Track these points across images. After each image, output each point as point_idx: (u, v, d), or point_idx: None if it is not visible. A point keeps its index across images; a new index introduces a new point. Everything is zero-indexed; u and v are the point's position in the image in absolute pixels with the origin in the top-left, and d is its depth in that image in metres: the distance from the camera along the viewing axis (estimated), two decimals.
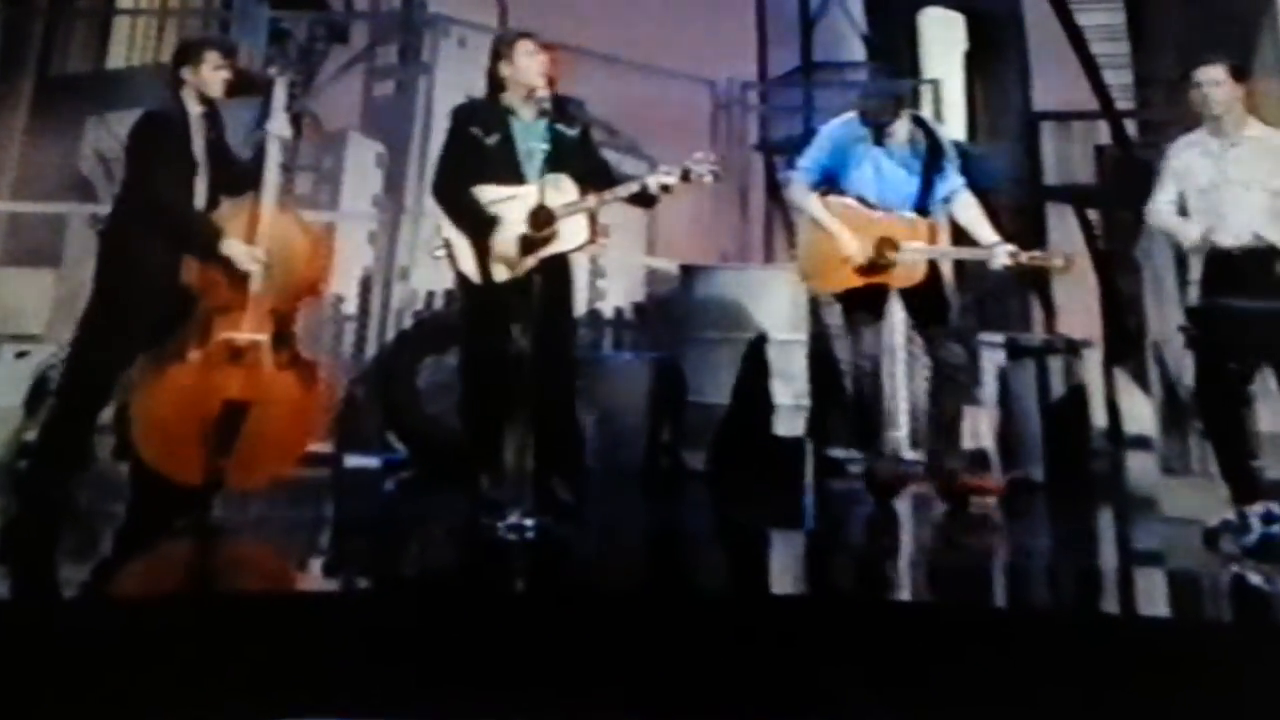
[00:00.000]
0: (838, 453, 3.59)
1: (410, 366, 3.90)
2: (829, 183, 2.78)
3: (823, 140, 2.80)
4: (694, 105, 5.51)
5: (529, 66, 2.54)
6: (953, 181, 2.78)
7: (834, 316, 4.56)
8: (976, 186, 2.83)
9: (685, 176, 2.50)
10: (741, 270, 4.31)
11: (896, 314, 2.99)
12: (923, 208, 2.77)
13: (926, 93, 5.44)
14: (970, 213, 2.74)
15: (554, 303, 2.52)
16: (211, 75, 2.64)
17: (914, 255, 2.72)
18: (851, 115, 2.79)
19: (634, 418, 3.69)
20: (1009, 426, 3.55)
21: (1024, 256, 2.63)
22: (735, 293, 3.95)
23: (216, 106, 2.68)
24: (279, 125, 2.62)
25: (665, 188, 2.49)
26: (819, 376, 3.71)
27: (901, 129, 2.76)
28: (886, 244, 2.71)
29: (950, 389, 2.75)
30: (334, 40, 6.00)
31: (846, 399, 3.19)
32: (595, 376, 3.61)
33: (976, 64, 6.01)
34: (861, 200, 2.75)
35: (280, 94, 2.63)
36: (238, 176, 2.68)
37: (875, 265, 2.72)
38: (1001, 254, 2.64)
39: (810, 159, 2.79)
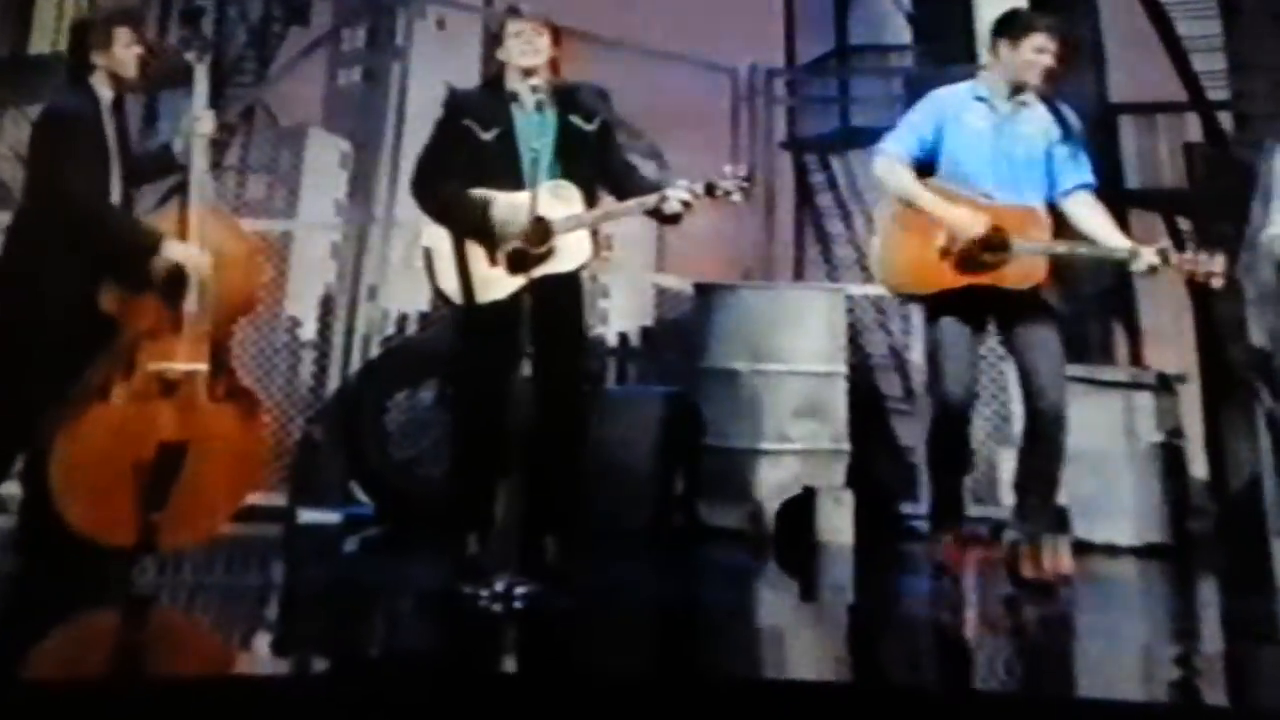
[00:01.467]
0: (896, 508, 3.60)
1: (378, 403, 3.91)
2: (926, 163, 2.67)
3: (926, 107, 2.69)
4: (711, 97, 5.46)
5: (516, 47, 2.56)
6: (1081, 174, 2.64)
7: (878, 346, 4.64)
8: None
9: (710, 191, 2.53)
10: (768, 290, 4.23)
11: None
12: (1046, 200, 2.65)
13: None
14: (1095, 211, 2.62)
15: (558, 329, 2.52)
16: (124, 54, 2.63)
17: (1037, 249, 2.55)
18: (966, 84, 2.71)
19: (641, 464, 3.68)
20: (1088, 479, 3.51)
21: (1175, 258, 2.49)
22: (761, 317, 3.95)
23: (124, 92, 2.68)
24: (199, 116, 2.61)
25: (686, 205, 2.50)
26: (862, 415, 3.73)
27: (1031, 104, 2.64)
28: (998, 235, 2.55)
29: (1049, 434, 2.60)
30: (292, 21, 6.13)
31: (896, 442, 3.14)
32: (596, 415, 3.51)
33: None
34: (967, 186, 2.63)
35: (201, 81, 2.63)
36: (140, 171, 2.70)
37: (982, 260, 2.56)
38: (1148, 254, 2.50)
39: (907, 129, 2.67)
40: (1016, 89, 2.64)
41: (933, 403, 2.71)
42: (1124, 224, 5.65)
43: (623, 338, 5.06)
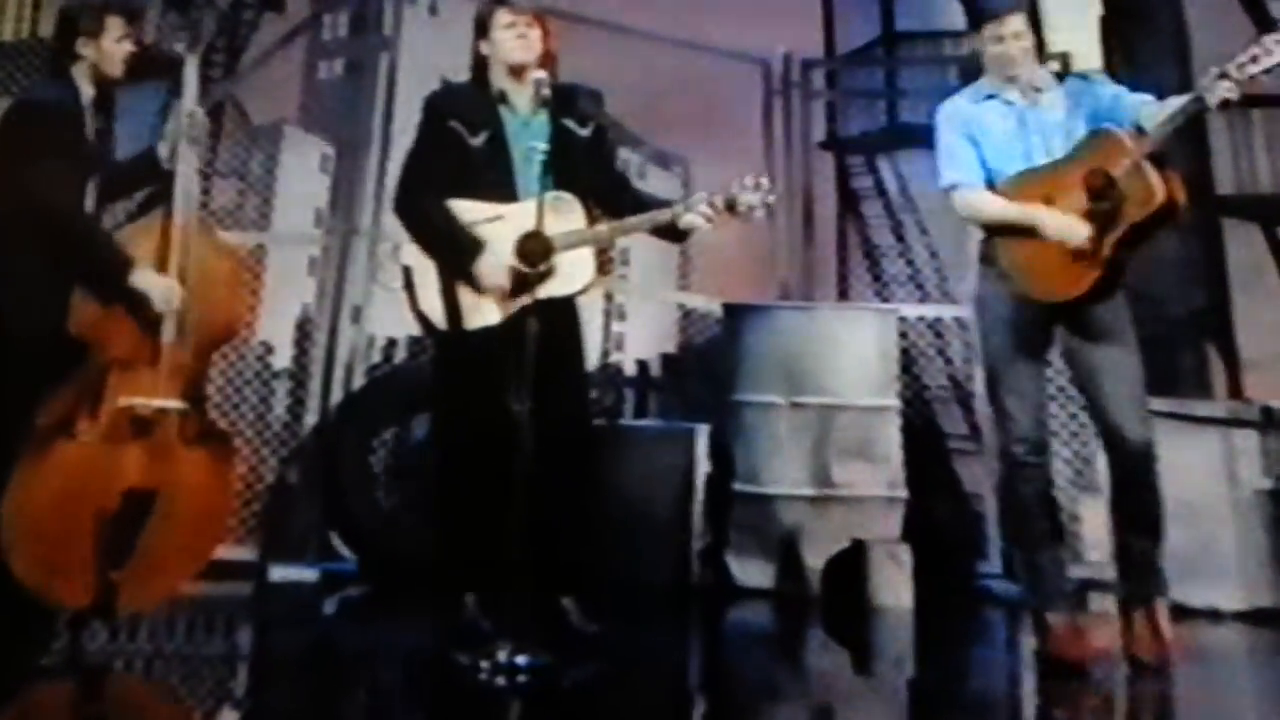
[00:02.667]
0: (962, 565, 3.57)
1: (362, 441, 3.91)
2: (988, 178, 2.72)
3: (952, 127, 2.74)
4: (740, 91, 5.54)
5: (507, 41, 2.60)
6: (1134, 102, 2.60)
7: (936, 375, 4.60)
8: None
9: (730, 207, 2.56)
10: (808, 311, 4.17)
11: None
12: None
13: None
14: (1169, 109, 2.54)
15: (558, 360, 2.52)
16: (113, 48, 2.65)
17: (1140, 155, 2.50)
18: (967, 89, 2.78)
19: (662, 512, 3.67)
20: (1183, 532, 3.37)
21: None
22: (800, 342, 3.95)
23: (111, 90, 2.70)
24: (192, 118, 2.63)
25: (704, 220, 2.54)
26: (920, 456, 3.70)
27: (1043, 84, 2.69)
28: (1095, 178, 2.53)
29: (1138, 475, 2.55)
30: (266, 7, 6.21)
31: (960, 487, 3.09)
32: (611, 454, 3.57)
33: (1117, 33, 6.03)
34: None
35: (191, 76, 2.64)
36: (121, 182, 2.72)
37: (1103, 211, 2.52)
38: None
39: (959, 153, 2.72)
40: (1008, 80, 2.69)
41: (999, 447, 2.68)
42: (1217, 234, 5.64)
43: (642, 366, 5.10)
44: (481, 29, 2.67)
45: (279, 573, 3.75)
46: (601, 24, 4.99)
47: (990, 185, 2.70)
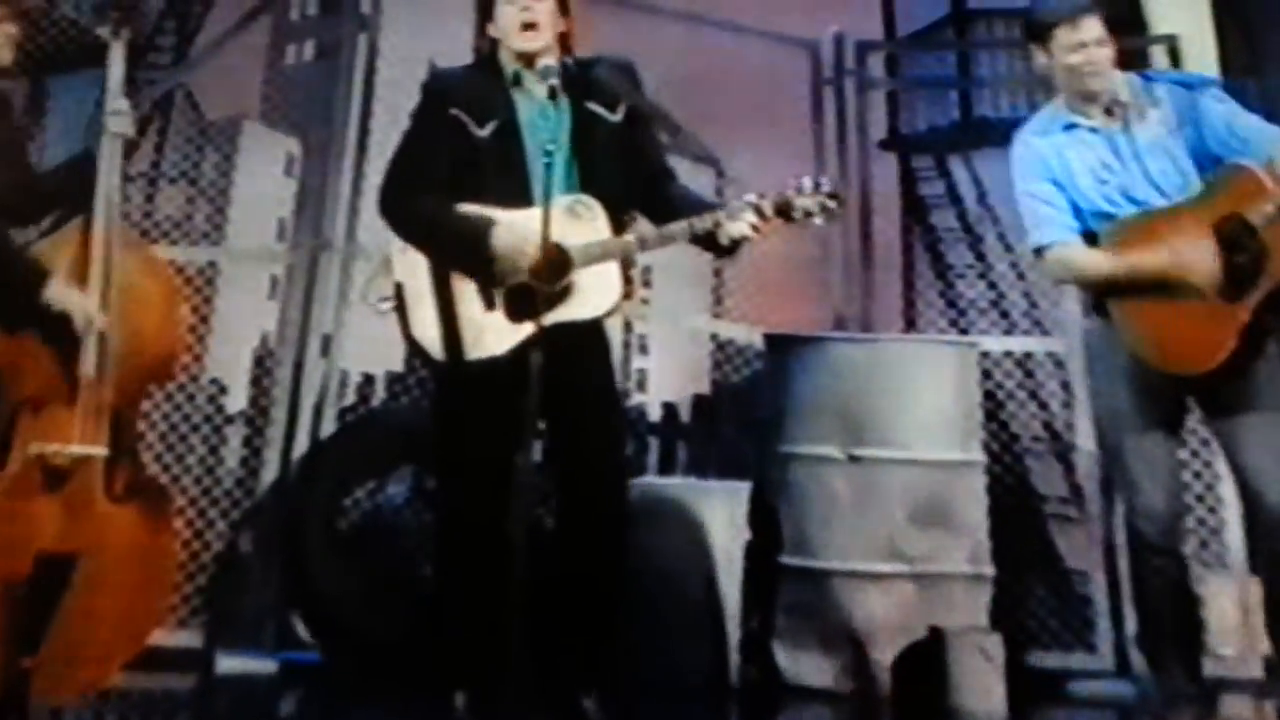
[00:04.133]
0: (1051, 661, 3.50)
1: (330, 501, 3.91)
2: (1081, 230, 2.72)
3: (1032, 173, 2.73)
4: (784, 80, 5.55)
5: (511, 26, 2.63)
6: (1250, 129, 2.59)
7: (1029, 423, 4.50)
8: None
9: (784, 211, 2.57)
10: (869, 344, 4.13)
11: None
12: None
13: (1157, 57, 5.44)
14: None
15: (580, 399, 2.58)
16: None
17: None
18: (1037, 120, 2.77)
19: (696, 592, 3.61)
20: None
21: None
22: (860, 381, 3.91)
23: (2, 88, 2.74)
24: (116, 113, 2.64)
25: (752, 229, 2.55)
26: (1009, 524, 3.65)
27: (1132, 97, 2.68)
28: (1229, 225, 2.51)
29: None
30: None
31: (1060, 563, 3.04)
32: (633, 518, 3.46)
33: (1232, 11, 5.98)
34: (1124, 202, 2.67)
35: (118, 61, 2.66)
36: (47, 193, 2.73)
37: (1240, 266, 2.51)
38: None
39: (1043, 207, 2.71)
40: (1089, 98, 2.66)
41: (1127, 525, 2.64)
42: None
43: (668, 410, 5.03)
44: (488, 6, 2.69)
45: (228, 663, 3.71)
46: (622, 1, 5.05)
47: (1089, 237, 2.66)
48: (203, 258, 4.82)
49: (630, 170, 2.70)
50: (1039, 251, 2.72)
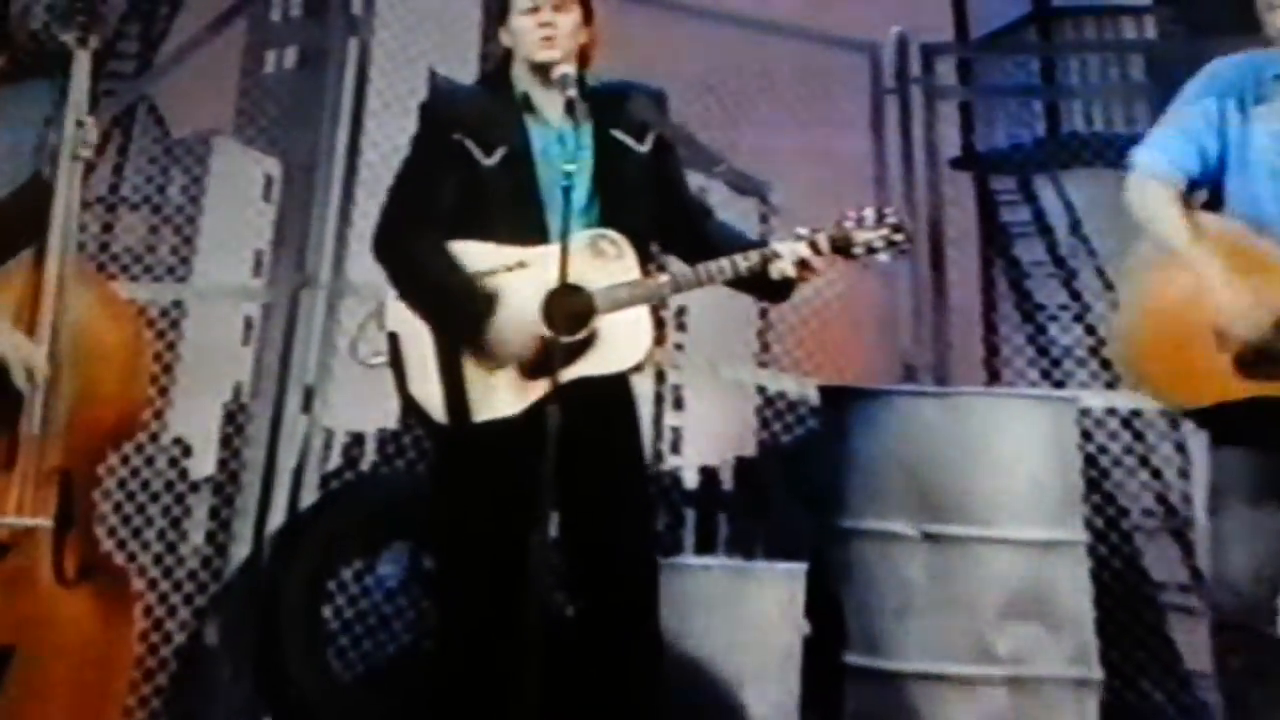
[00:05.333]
0: None
1: (312, 584, 3.91)
2: (1210, 186, 2.69)
3: (1202, 93, 2.70)
4: (838, 89, 5.56)
5: (527, 33, 2.66)
6: None
7: (1138, 494, 4.42)
8: None
9: (842, 248, 2.59)
10: (945, 399, 4.10)
11: None
12: None
13: None
14: None
15: (603, 466, 2.60)
16: None
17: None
18: (1265, 53, 2.68)
19: (744, 694, 3.56)
20: None
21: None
22: (935, 443, 3.86)
23: None
24: (81, 124, 2.67)
25: (803, 268, 2.56)
26: (1118, 615, 3.65)
27: None
28: None
29: None
30: None
31: (1179, 663, 2.98)
32: (667, 604, 3.43)
33: None
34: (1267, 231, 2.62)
35: (82, 74, 2.69)
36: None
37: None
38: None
39: (1175, 128, 2.70)
40: None
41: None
42: None
43: (707, 477, 5.04)
44: (502, 12, 2.71)
45: None
46: (653, 2, 5.13)
47: (1211, 200, 2.62)
48: (166, 296, 4.83)
49: (661, 206, 2.73)
50: (1132, 164, 2.70)
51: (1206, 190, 2.66)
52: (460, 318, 2.58)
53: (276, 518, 4.21)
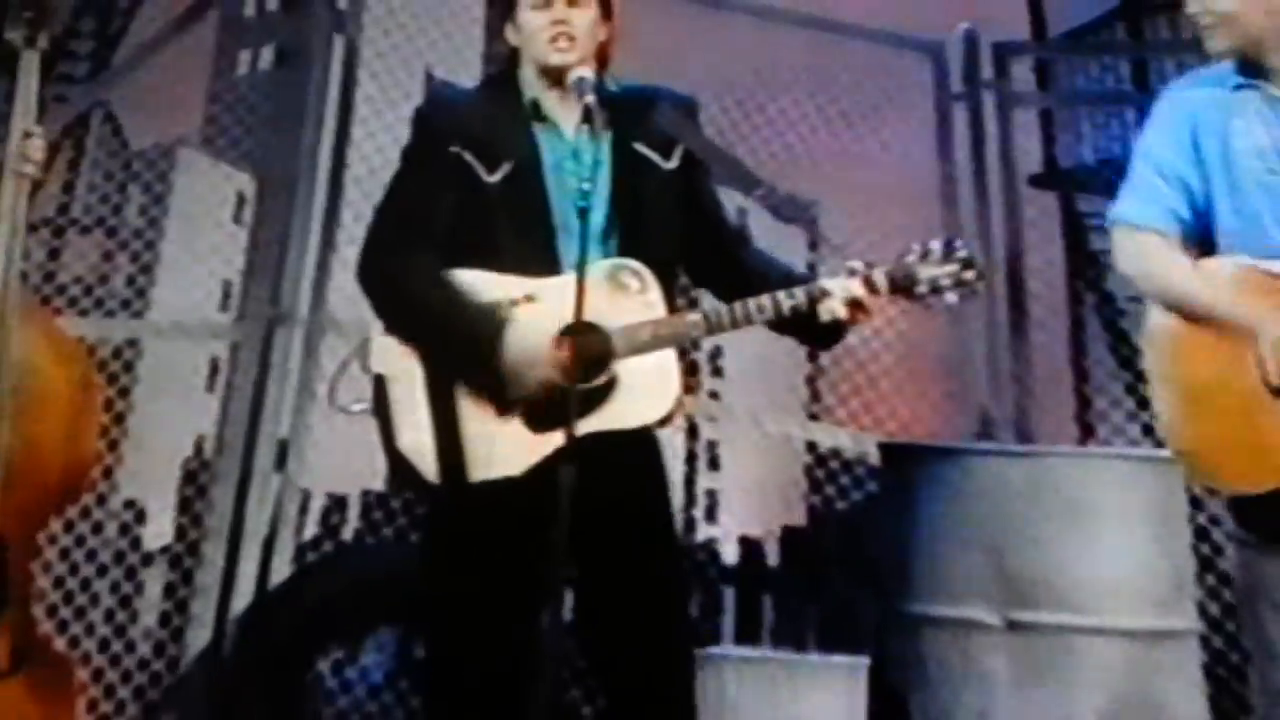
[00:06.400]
0: None
1: (283, 676, 3.88)
2: (1196, 227, 2.67)
3: (1169, 125, 2.71)
4: (897, 95, 5.58)
5: (538, 32, 2.66)
6: None
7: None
8: None
9: (904, 286, 2.58)
10: (1028, 460, 4.04)
11: None
12: None
13: None
14: None
15: (625, 536, 2.59)
16: None
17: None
18: (1213, 70, 2.70)
19: None
20: None
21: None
22: (1017, 512, 3.79)
23: None
24: (23, 139, 2.67)
25: (857, 308, 2.55)
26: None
27: None
28: None
29: None
30: None
31: None
32: (703, 705, 3.27)
33: None
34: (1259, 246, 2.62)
35: (30, 78, 2.70)
36: None
37: None
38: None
39: (1152, 173, 2.69)
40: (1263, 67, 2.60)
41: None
42: None
43: (750, 550, 5.04)
44: (509, 6, 2.70)
45: None
46: None
47: (1204, 246, 2.61)
48: (120, 334, 4.84)
49: (690, 233, 2.73)
50: (1114, 222, 2.70)
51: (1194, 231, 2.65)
52: (462, 352, 2.57)
53: (242, 597, 4.21)
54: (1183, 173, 2.64)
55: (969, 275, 2.56)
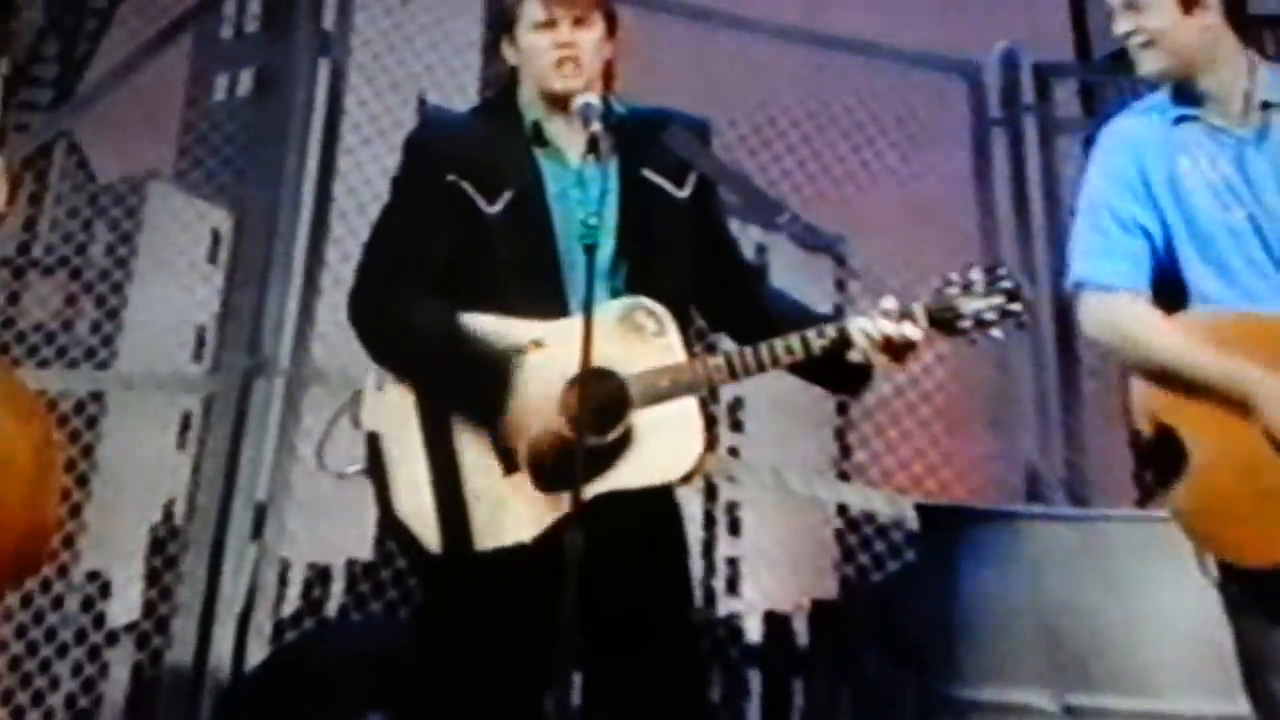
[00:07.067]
0: None
1: None
2: (1162, 274, 2.74)
3: (1117, 168, 2.77)
4: (931, 120, 5.57)
5: (541, 56, 2.67)
6: None
7: None
8: None
9: (942, 321, 2.56)
10: (1084, 525, 3.97)
11: None
12: None
13: None
14: None
15: (642, 610, 2.58)
16: None
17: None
18: (1149, 99, 2.81)
19: None
20: None
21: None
22: (1074, 582, 3.75)
23: None
24: None
25: (892, 349, 2.54)
26: None
27: (1260, 79, 2.70)
28: None
29: None
30: None
31: None
32: None
33: None
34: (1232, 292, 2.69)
35: None
36: None
37: None
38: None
39: (1105, 237, 2.75)
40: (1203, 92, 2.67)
41: None
42: None
43: (775, 626, 4.95)
44: (507, 24, 2.69)
45: None
46: (699, 12, 5.14)
47: (1171, 302, 2.66)
48: (84, 386, 4.81)
49: (704, 267, 2.73)
50: (1077, 289, 2.77)
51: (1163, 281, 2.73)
52: (464, 404, 2.56)
53: (216, 679, 4.17)
54: (1140, 218, 2.68)
55: (1015, 307, 2.55)
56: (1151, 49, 2.65)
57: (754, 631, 4.94)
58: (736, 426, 5.10)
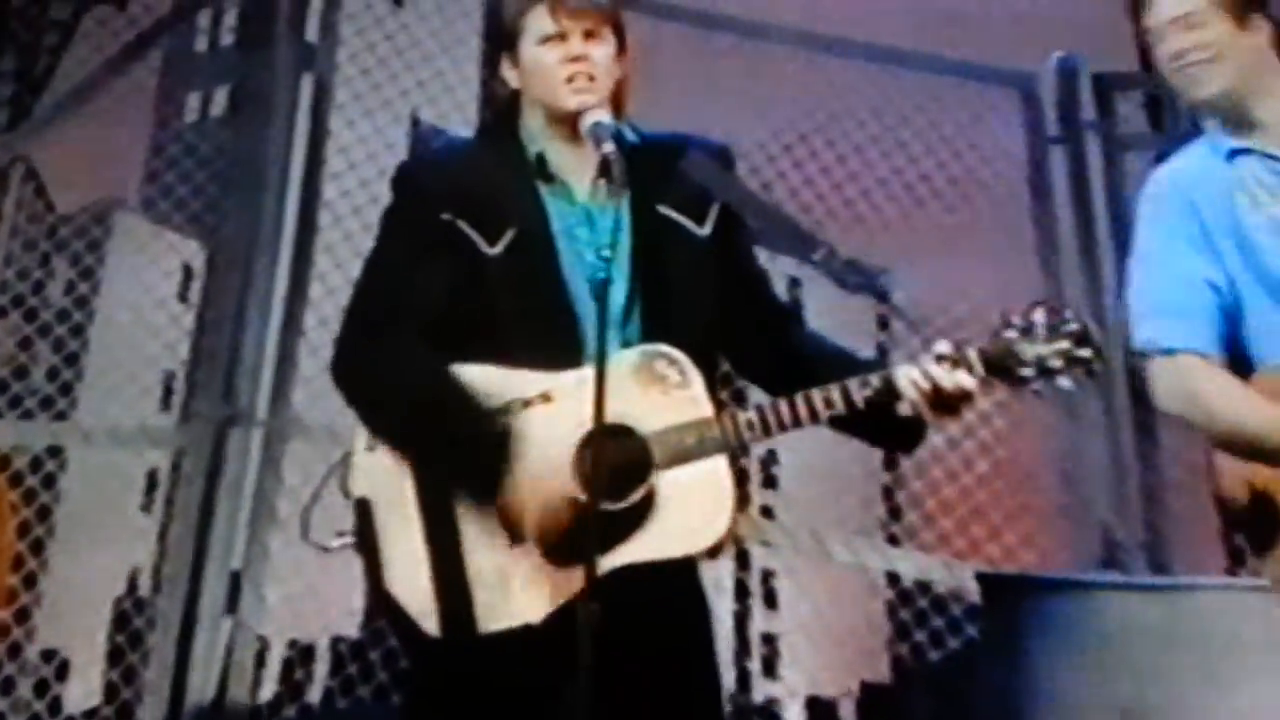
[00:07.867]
0: None
1: None
2: (1232, 331, 2.75)
3: (1176, 219, 2.78)
4: (985, 136, 5.57)
5: (548, 71, 2.67)
6: None
7: None
8: None
9: (1001, 368, 2.54)
10: (1169, 597, 3.98)
11: None
12: None
13: None
14: None
15: (664, 697, 2.57)
16: None
17: None
18: (1200, 143, 2.84)
19: None
20: None
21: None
22: (1158, 660, 3.75)
23: None
24: None
25: (945, 399, 2.52)
26: None
27: None
28: None
29: None
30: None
31: None
32: None
33: None
34: None
35: None
36: None
37: None
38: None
39: (1170, 297, 2.77)
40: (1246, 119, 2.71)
41: None
42: None
43: (819, 713, 4.99)
44: (508, 40, 2.68)
45: None
46: (731, 23, 5.14)
47: (1239, 362, 2.68)
48: (40, 440, 4.85)
49: (729, 311, 2.73)
50: (1141, 355, 2.80)
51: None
52: (463, 468, 2.54)
53: None
54: (1205, 272, 2.69)
55: (1084, 353, 2.51)
56: (1214, 65, 2.66)
57: (792, 713, 4.92)
58: (770, 483, 5.06)
